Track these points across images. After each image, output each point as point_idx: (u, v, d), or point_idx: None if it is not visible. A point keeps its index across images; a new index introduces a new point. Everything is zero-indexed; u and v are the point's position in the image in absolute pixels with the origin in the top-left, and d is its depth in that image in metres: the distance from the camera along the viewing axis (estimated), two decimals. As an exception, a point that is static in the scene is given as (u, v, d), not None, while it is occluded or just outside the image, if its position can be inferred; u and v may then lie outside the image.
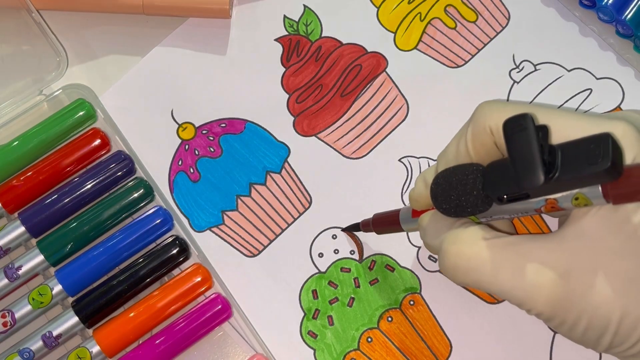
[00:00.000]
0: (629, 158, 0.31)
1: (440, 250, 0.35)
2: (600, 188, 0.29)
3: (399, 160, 0.47)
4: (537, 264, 0.32)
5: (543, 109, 0.33)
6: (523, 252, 0.33)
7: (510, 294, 0.33)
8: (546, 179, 0.29)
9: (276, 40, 0.49)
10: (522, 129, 0.30)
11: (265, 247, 0.46)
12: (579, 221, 0.32)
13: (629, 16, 0.47)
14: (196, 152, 0.47)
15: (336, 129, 0.48)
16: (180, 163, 0.47)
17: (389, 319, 0.45)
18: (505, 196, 0.32)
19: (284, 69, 0.49)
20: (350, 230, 0.45)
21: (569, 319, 0.32)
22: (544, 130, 0.31)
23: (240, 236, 0.46)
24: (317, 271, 0.45)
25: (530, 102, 0.48)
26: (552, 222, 0.46)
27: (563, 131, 0.32)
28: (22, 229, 0.44)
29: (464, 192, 0.33)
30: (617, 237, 0.31)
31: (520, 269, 0.32)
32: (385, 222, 0.42)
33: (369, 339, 0.44)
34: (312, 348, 0.44)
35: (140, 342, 0.43)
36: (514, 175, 0.30)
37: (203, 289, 0.44)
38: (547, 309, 0.32)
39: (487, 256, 0.33)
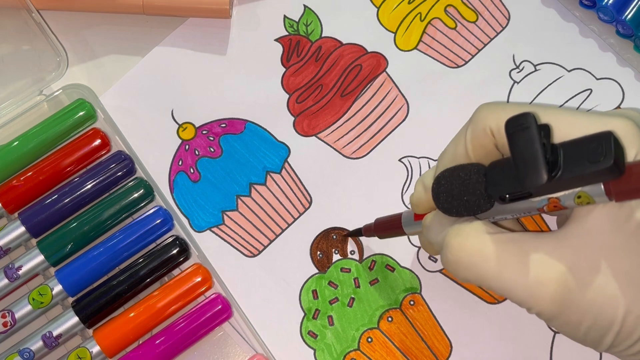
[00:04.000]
0: (630, 155, 0.31)
1: (443, 244, 0.35)
2: (602, 186, 0.29)
3: (399, 160, 0.47)
4: (541, 261, 0.32)
5: (544, 109, 0.33)
6: (527, 248, 0.32)
7: (513, 291, 0.33)
8: (549, 177, 0.29)
9: (276, 40, 0.49)
10: (524, 128, 0.30)
11: (265, 247, 0.46)
12: (582, 219, 0.32)
13: (629, 16, 0.47)
14: (196, 152, 0.47)
15: (336, 129, 0.48)
16: (180, 163, 0.47)
17: (389, 319, 0.45)
18: (507, 196, 0.32)
19: (284, 69, 0.49)
20: (353, 235, 0.45)
21: (572, 318, 0.32)
22: (545, 129, 0.31)
23: (240, 236, 0.46)
24: (317, 271, 0.46)
25: (531, 102, 0.48)
26: (552, 223, 0.46)
27: (564, 130, 0.32)
28: (22, 229, 0.44)
29: (466, 191, 0.33)
30: (619, 234, 0.31)
31: (524, 265, 0.32)
32: (388, 227, 0.42)
33: (369, 339, 0.44)
34: (312, 348, 0.44)
35: (140, 342, 0.43)
36: (516, 174, 0.30)
37: (203, 289, 0.44)
38: (550, 307, 0.32)
39: (490, 251, 0.33)
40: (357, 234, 0.45)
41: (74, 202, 0.44)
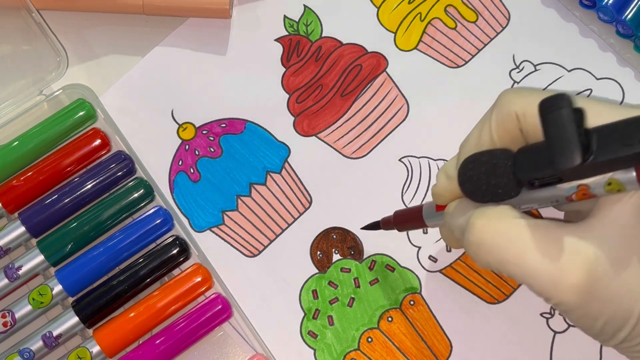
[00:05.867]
0: None
1: (467, 225, 0.33)
2: (634, 173, 0.29)
3: (399, 160, 0.47)
4: (567, 249, 0.31)
5: (577, 97, 0.32)
6: (553, 235, 0.31)
7: (535, 277, 0.32)
8: (583, 159, 0.28)
9: (276, 40, 0.49)
10: (559, 108, 0.29)
11: (265, 247, 0.46)
12: (607, 210, 0.31)
13: (629, 16, 0.47)
14: (196, 152, 0.47)
15: (336, 129, 0.48)
16: (180, 163, 0.47)
17: (389, 319, 0.45)
18: (537, 180, 0.31)
19: (284, 69, 0.49)
20: (370, 229, 0.44)
21: (592, 310, 0.31)
22: (579, 113, 0.30)
23: (240, 236, 0.46)
24: (317, 271, 0.46)
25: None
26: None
27: (598, 117, 0.31)
28: (22, 229, 0.44)
29: (494, 176, 0.32)
30: None
31: (548, 252, 0.31)
32: (408, 219, 0.41)
33: (369, 339, 0.44)
34: (312, 348, 0.44)
35: (140, 342, 0.43)
36: (547, 157, 0.29)
37: (203, 289, 0.44)
38: (572, 297, 0.31)
39: (514, 234, 0.32)
40: (374, 227, 0.44)
41: (74, 202, 0.44)
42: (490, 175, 0.33)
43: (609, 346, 0.33)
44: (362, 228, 0.45)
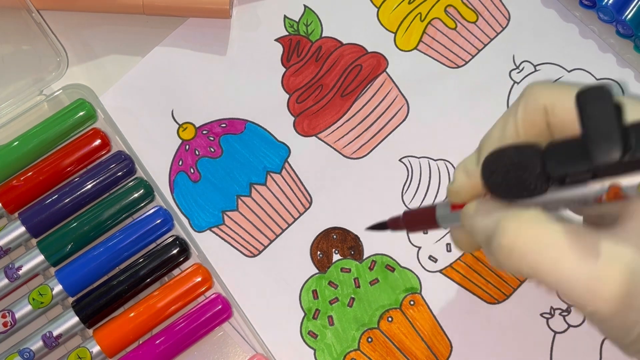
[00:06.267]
0: None
1: (496, 229, 0.32)
2: None
3: (399, 160, 0.47)
4: (604, 256, 0.30)
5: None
6: (590, 241, 0.30)
7: (570, 285, 0.30)
8: (623, 153, 0.27)
9: (276, 40, 0.49)
10: (600, 99, 0.28)
11: (265, 247, 0.46)
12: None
13: (629, 16, 0.47)
14: (196, 152, 0.47)
15: (336, 129, 0.48)
16: (180, 163, 0.47)
17: (389, 319, 0.45)
18: (568, 176, 0.30)
19: (284, 69, 0.49)
20: (376, 229, 0.41)
21: (628, 320, 0.30)
22: (619, 107, 0.29)
23: (240, 236, 0.46)
24: (317, 271, 0.46)
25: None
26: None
27: (635, 114, 0.30)
28: (22, 229, 0.44)
29: (522, 170, 0.31)
30: None
31: (585, 258, 0.30)
32: (420, 220, 0.39)
33: (369, 339, 0.44)
34: (312, 348, 0.44)
35: (140, 342, 0.43)
36: (584, 150, 0.28)
37: (203, 289, 0.44)
38: (608, 305, 0.30)
39: (549, 240, 0.30)
40: (381, 227, 0.41)
41: (74, 202, 0.44)
42: (517, 170, 0.31)
43: (631, 356, 0.32)
44: (368, 228, 0.42)
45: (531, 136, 0.33)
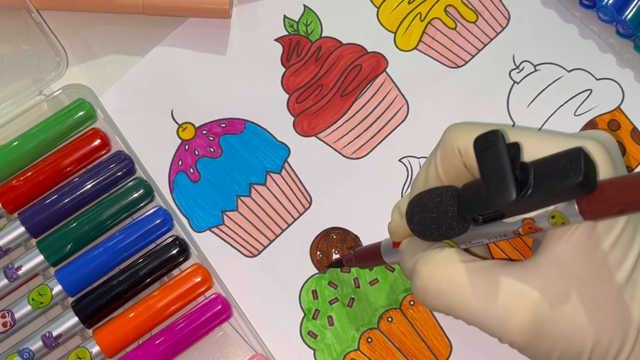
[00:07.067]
0: (601, 176, 0.31)
1: (413, 271, 0.34)
2: (576, 205, 0.29)
3: (399, 160, 0.47)
4: (511, 290, 0.32)
5: (513, 130, 0.33)
6: (497, 277, 0.32)
7: (482, 321, 0.32)
8: (518, 195, 0.29)
9: (276, 40, 0.49)
10: (492, 145, 0.30)
11: (265, 247, 0.46)
12: (551, 248, 0.31)
13: (629, 16, 0.47)
14: (196, 152, 0.47)
15: (336, 129, 0.48)
16: (180, 163, 0.47)
17: (389, 319, 0.45)
18: (480, 217, 0.31)
19: (284, 69, 0.49)
20: (334, 266, 0.45)
21: (543, 349, 0.32)
22: (515, 148, 0.30)
23: (240, 236, 0.46)
24: (317, 271, 0.45)
25: (528, 104, 0.48)
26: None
27: (534, 151, 0.31)
28: (22, 229, 0.44)
29: (438, 214, 0.33)
30: (588, 263, 0.31)
31: (493, 294, 0.32)
32: (368, 257, 0.41)
33: (369, 340, 0.44)
34: (312, 348, 0.44)
35: (140, 342, 0.43)
36: (485, 193, 0.29)
37: (203, 289, 0.44)
38: (520, 338, 0.32)
39: (459, 280, 0.32)
40: (338, 265, 0.44)
41: (74, 202, 0.44)
42: (435, 213, 0.33)
43: None
44: (327, 267, 0.45)
45: (452, 177, 0.35)
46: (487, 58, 0.49)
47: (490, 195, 0.29)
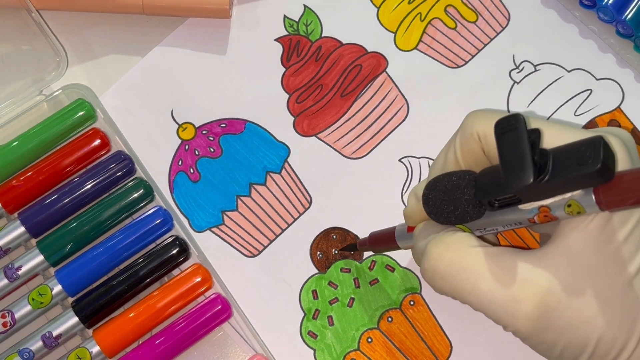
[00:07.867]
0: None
1: (424, 252, 0.34)
2: (593, 195, 0.29)
3: (399, 160, 0.47)
4: (520, 278, 0.31)
5: (534, 119, 0.33)
6: (507, 264, 0.32)
7: (488, 306, 0.32)
8: (535, 179, 0.29)
9: (276, 40, 0.49)
10: (513, 128, 0.30)
11: (265, 247, 0.46)
12: (564, 238, 0.31)
13: (629, 16, 0.47)
14: (196, 152, 0.47)
15: (336, 129, 0.48)
16: (180, 163, 0.47)
17: (389, 319, 0.45)
18: (496, 201, 0.31)
19: (284, 69, 0.49)
20: (347, 250, 0.45)
21: (547, 338, 0.32)
22: (535, 133, 0.30)
23: (240, 236, 0.46)
24: (317, 271, 0.46)
25: (529, 104, 0.48)
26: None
27: (555, 141, 0.32)
28: (22, 229, 0.44)
29: (455, 197, 0.33)
30: (600, 256, 0.31)
31: (501, 281, 0.32)
32: (382, 241, 0.41)
33: (369, 339, 0.44)
34: (312, 348, 0.44)
35: (140, 342, 0.43)
36: (503, 176, 0.30)
37: (203, 289, 0.44)
38: (526, 326, 0.32)
39: (468, 263, 0.32)
40: (351, 248, 0.45)
41: (74, 202, 0.44)
42: (451, 197, 0.33)
43: None
44: (340, 250, 0.45)
45: (470, 162, 0.35)
46: (487, 58, 0.49)
47: (508, 178, 0.29)
